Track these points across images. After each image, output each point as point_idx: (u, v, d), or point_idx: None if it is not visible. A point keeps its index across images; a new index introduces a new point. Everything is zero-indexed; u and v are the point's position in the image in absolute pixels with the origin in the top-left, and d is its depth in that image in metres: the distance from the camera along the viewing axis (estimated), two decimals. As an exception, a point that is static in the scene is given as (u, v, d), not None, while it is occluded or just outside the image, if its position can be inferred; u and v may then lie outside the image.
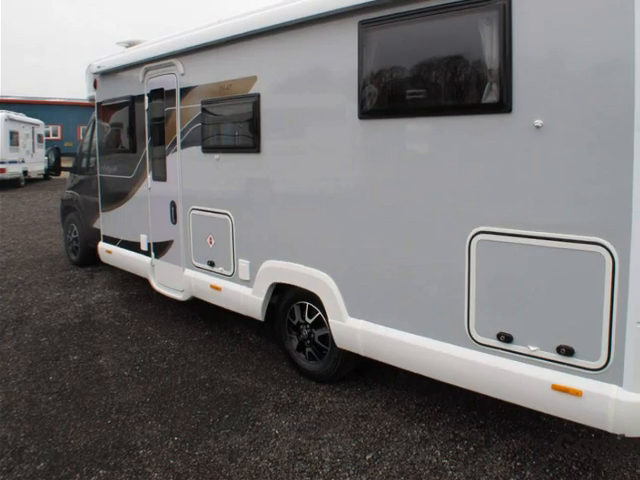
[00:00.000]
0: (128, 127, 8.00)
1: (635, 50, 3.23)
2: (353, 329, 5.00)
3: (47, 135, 37.51)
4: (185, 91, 6.77)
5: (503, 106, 3.80)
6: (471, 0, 3.90)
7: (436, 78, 4.15)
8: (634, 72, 3.24)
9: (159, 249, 7.62)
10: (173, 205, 7.18)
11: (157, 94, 7.32)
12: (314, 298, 5.44)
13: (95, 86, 8.93)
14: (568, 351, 3.66)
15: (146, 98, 7.54)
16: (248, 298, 6.10)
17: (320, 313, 5.50)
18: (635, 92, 3.24)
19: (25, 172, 29.80)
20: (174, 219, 7.19)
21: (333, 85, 4.97)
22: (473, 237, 4.07)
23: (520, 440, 4.54)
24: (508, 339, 3.95)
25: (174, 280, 7.36)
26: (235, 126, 6.09)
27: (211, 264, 6.63)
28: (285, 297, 5.90)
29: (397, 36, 4.40)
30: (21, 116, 29.58)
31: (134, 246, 8.20)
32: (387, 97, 4.53)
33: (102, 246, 9.20)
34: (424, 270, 4.46)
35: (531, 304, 3.83)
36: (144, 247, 7.95)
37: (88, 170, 10.30)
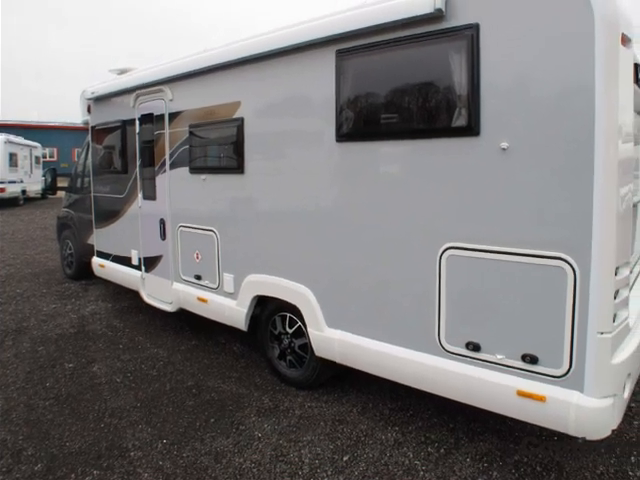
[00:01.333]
0: (120, 149, 7.93)
1: (595, 76, 3.22)
2: (331, 339, 4.94)
3: (44, 157, 37.09)
4: (173, 116, 6.71)
5: (471, 129, 3.78)
6: (441, 30, 3.89)
7: (408, 103, 4.12)
8: (594, 97, 3.23)
9: (149, 264, 7.53)
10: (162, 222, 7.10)
11: (147, 118, 7.25)
12: (294, 310, 5.38)
13: (89, 111, 8.86)
14: (532, 359, 3.63)
15: (137, 122, 7.47)
16: (232, 309, 6.03)
17: (300, 324, 5.43)
18: (595, 116, 3.24)
19: (24, 191, 29.57)
20: (163, 235, 7.11)
21: (312, 110, 4.93)
22: (443, 252, 4.04)
23: (487, 443, 4.50)
24: (476, 348, 3.92)
25: (163, 293, 7.27)
26: (220, 148, 6.03)
27: (198, 278, 6.56)
28: (267, 309, 5.83)
29: (372, 64, 4.36)
30: (20, 139, 29.40)
31: (126, 261, 8.11)
32: (362, 121, 4.49)
33: (95, 261, 9.11)
34: (397, 283, 4.42)
35: (498, 315, 3.80)
36: (135, 262, 7.86)
37: (82, 190, 10.19)
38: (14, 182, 27.98)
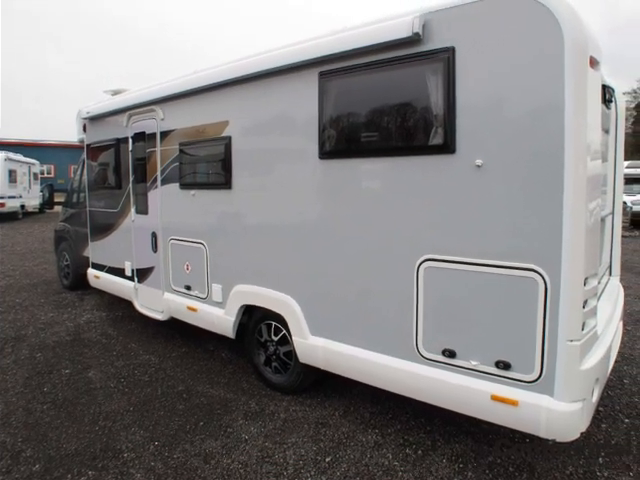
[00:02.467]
0: (114, 166, 7.84)
1: (565, 97, 3.20)
2: (315, 346, 4.88)
3: (42, 173, 36.87)
4: (165, 134, 6.64)
5: (447, 147, 3.74)
6: (418, 53, 3.86)
7: (388, 122, 4.08)
8: (564, 117, 3.21)
9: (142, 275, 7.44)
10: (154, 235, 7.02)
11: (140, 137, 7.18)
12: (279, 318, 5.31)
13: (84, 130, 8.78)
14: (505, 365, 3.59)
15: (130, 140, 7.39)
16: (221, 318, 5.96)
17: (285, 332, 5.36)
18: (565, 135, 3.21)
19: (22, 206, 29.32)
20: (155, 248, 7.03)
21: (296, 128, 4.88)
22: (421, 264, 3.99)
23: (463, 444, 4.45)
24: (452, 355, 3.87)
25: (155, 302, 7.18)
26: (209, 165, 5.97)
27: (188, 288, 6.48)
28: (254, 317, 5.75)
29: (353, 85, 4.32)
30: (19, 156, 29.12)
31: (119, 272, 8.02)
32: (344, 139, 4.44)
33: (91, 272, 9.01)
34: (378, 294, 4.36)
35: (472, 323, 3.75)
36: (128, 273, 7.77)
37: (78, 204, 10.14)
38: (13, 197, 27.81)
